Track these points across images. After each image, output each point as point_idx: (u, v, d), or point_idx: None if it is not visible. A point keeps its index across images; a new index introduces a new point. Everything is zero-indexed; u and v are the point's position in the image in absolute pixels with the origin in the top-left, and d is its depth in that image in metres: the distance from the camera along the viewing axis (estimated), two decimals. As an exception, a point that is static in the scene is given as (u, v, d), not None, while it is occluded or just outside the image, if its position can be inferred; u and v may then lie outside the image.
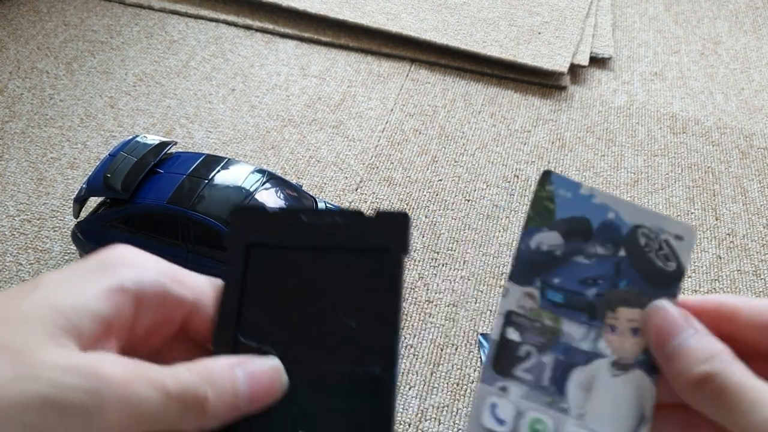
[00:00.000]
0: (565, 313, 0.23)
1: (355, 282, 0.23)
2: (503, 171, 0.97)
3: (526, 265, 0.24)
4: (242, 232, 0.24)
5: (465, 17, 1.20)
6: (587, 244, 0.24)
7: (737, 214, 0.93)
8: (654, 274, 0.24)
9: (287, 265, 0.23)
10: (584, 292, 0.24)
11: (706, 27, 1.30)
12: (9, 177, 0.90)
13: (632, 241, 0.24)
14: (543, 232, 0.24)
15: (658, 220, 0.24)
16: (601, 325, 0.23)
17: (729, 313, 0.23)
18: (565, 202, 0.24)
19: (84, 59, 1.10)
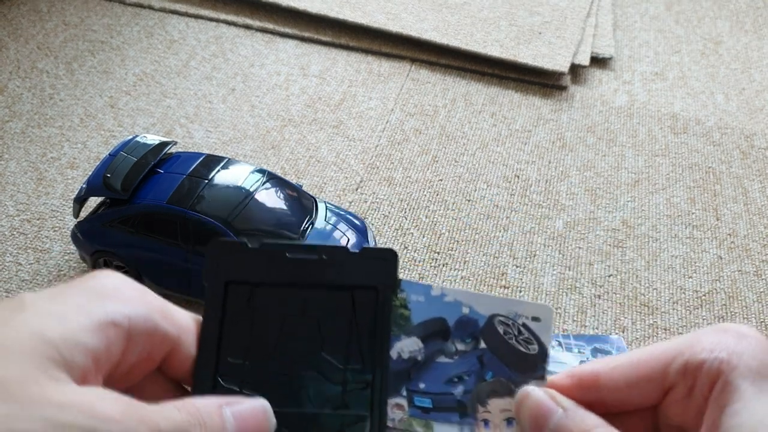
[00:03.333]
0: (435, 416, 0.23)
1: (341, 321, 0.23)
2: (504, 171, 0.97)
3: (390, 376, 0.23)
4: (220, 267, 0.23)
5: (465, 17, 1.20)
6: (447, 344, 0.24)
7: (738, 215, 0.93)
8: (518, 359, 0.23)
9: (268, 302, 0.23)
10: (452, 392, 0.23)
11: (707, 27, 1.30)
12: (9, 177, 0.90)
13: (490, 331, 0.24)
14: (402, 340, 0.23)
15: (513, 306, 0.24)
16: (473, 421, 0.23)
17: (591, 382, 0.23)
18: (419, 306, 0.24)
19: (84, 59, 1.10)
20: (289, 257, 0.23)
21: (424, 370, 0.23)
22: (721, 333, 0.22)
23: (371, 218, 0.88)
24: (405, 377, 0.23)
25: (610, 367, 0.23)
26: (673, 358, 0.22)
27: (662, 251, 0.87)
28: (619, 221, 0.91)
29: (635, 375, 0.23)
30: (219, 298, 0.23)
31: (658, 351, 0.23)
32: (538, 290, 0.81)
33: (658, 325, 0.79)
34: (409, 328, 0.24)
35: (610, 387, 0.23)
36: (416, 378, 0.23)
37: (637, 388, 0.23)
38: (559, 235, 0.88)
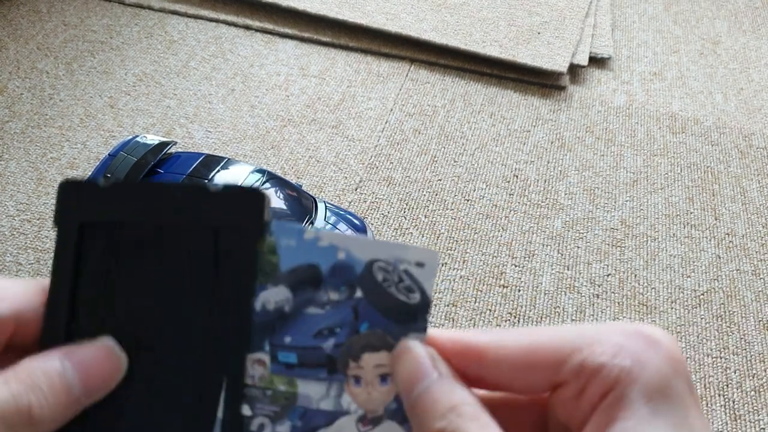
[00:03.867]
0: (300, 373, 0.21)
1: (203, 267, 0.21)
2: (503, 171, 0.97)
3: (250, 329, 0.21)
4: (73, 209, 0.21)
5: (464, 17, 1.20)
6: (319, 293, 0.21)
7: (736, 214, 0.93)
8: (397, 309, 0.21)
9: (125, 247, 0.21)
10: (320, 345, 0.21)
11: (705, 27, 1.30)
12: (9, 177, 0.90)
13: (368, 278, 0.21)
14: (267, 290, 0.21)
15: (396, 250, 0.21)
16: (343, 378, 0.21)
17: (475, 356, 0.21)
18: (289, 251, 0.21)
19: (84, 59, 1.10)
20: (146, 196, 0.21)
21: (291, 323, 0.21)
22: (630, 335, 0.20)
23: (370, 218, 0.88)
24: (269, 330, 0.21)
25: (499, 345, 0.21)
26: (570, 353, 0.20)
27: (661, 251, 0.88)
28: (617, 221, 0.91)
29: (524, 362, 0.20)
30: (72, 243, 0.21)
31: (557, 339, 0.20)
32: (537, 290, 0.82)
33: (657, 324, 0.79)
34: (277, 276, 0.21)
35: (494, 367, 0.20)
36: (281, 331, 0.21)
37: (523, 376, 0.20)
38: (558, 234, 0.89)
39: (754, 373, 0.75)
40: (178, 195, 0.21)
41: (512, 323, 0.78)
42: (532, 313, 0.79)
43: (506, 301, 0.80)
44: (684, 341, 0.78)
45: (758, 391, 0.74)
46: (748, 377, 0.75)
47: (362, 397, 0.21)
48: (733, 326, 0.80)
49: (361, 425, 0.21)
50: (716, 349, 0.77)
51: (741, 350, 0.77)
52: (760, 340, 0.78)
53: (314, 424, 0.21)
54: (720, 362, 0.76)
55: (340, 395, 0.21)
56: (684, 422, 0.19)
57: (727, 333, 0.79)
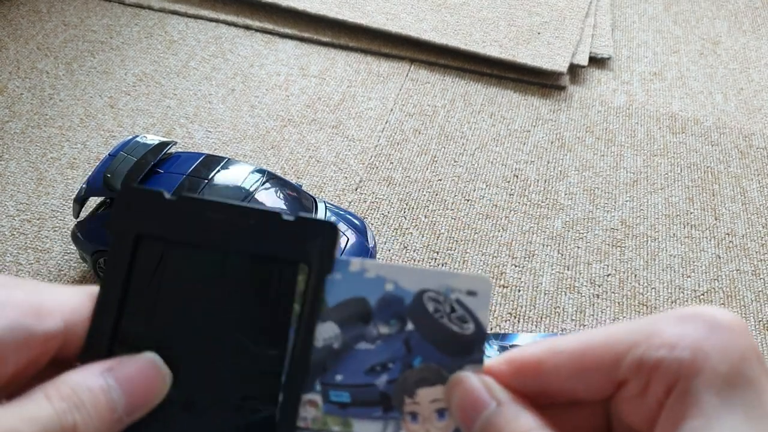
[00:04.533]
0: (354, 412, 0.20)
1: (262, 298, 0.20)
2: (503, 171, 0.97)
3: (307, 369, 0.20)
4: (131, 219, 0.20)
5: (464, 17, 1.20)
6: (368, 327, 0.20)
7: (736, 214, 0.93)
8: (451, 341, 0.20)
9: (182, 265, 0.20)
10: (374, 382, 0.20)
11: (705, 27, 1.30)
12: (9, 177, 0.90)
13: (418, 309, 0.20)
14: (315, 326, 0.20)
15: (446, 279, 0.20)
16: (399, 415, 0.20)
17: (533, 370, 0.20)
18: (336, 285, 0.20)
19: (84, 59, 1.10)
20: (212, 216, 0.20)
21: (341, 360, 0.20)
22: (688, 321, 0.18)
23: (370, 218, 0.88)
24: (319, 369, 0.20)
25: (554, 353, 0.20)
26: (628, 349, 0.19)
27: (661, 251, 0.88)
28: (617, 221, 0.91)
29: (581, 364, 0.19)
30: (126, 254, 0.19)
31: (612, 338, 0.19)
32: (537, 290, 0.82)
33: (657, 324, 0.79)
34: (324, 312, 0.20)
35: (553, 376, 0.19)
36: (332, 369, 0.20)
37: (583, 379, 0.19)
38: (558, 234, 0.89)
39: (754, 373, 0.75)
40: (248, 219, 0.20)
41: (512, 323, 0.78)
42: (532, 314, 0.79)
43: (506, 301, 0.80)
44: (684, 341, 0.78)
45: (758, 391, 0.74)
46: (748, 377, 0.75)
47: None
48: (733, 326, 0.80)
49: None
50: (716, 349, 0.77)
51: (741, 350, 0.77)
52: (760, 340, 0.78)
53: None
54: (720, 362, 0.76)
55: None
56: (761, 411, 0.17)
57: (727, 333, 0.79)
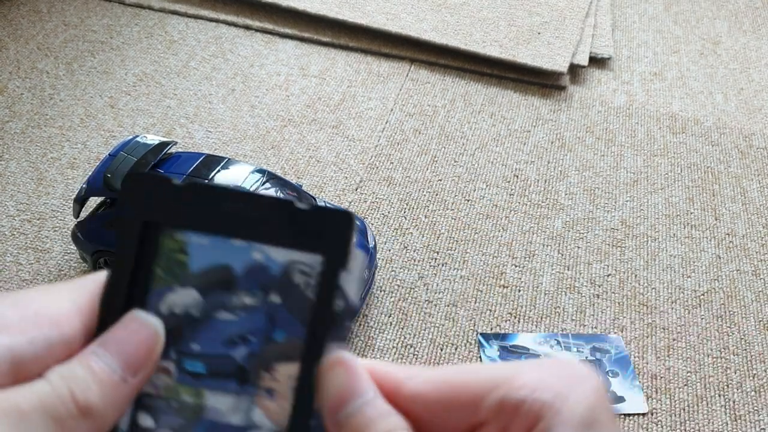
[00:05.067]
0: (208, 384, 0.19)
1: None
2: (503, 171, 0.97)
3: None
4: (138, 207, 0.19)
5: (465, 17, 1.20)
6: (231, 296, 0.19)
7: (736, 214, 0.93)
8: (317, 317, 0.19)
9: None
10: (231, 354, 0.19)
11: (705, 27, 1.30)
12: (9, 177, 0.90)
13: (286, 282, 0.19)
14: (175, 292, 0.19)
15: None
16: (254, 390, 0.19)
17: (391, 388, 0.19)
18: (200, 250, 0.19)
19: (84, 59, 1.10)
20: (224, 204, 0.19)
21: (199, 329, 0.19)
22: (548, 369, 0.19)
23: (371, 218, 0.88)
24: (176, 336, 0.19)
25: (414, 381, 0.19)
26: (489, 391, 0.19)
27: (661, 251, 0.87)
28: (617, 221, 0.91)
29: (440, 401, 0.19)
30: (133, 242, 0.19)
31: (472, 378, 0.19)
32: (537, 290, 0.82)
33: (657, 324, 0.79)
34: (186, 277, 0.19)
35: (409, 402, 0.19)
36: (189, 337, 0.19)
37: (439, 416, 0.19)
38: (558, 234, 0.89)
39: (755, 373, 0.75)
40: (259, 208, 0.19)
41: (512, 323, 0.78)
42: (532, 314, 0.79)
43: (506, 301, 0.80)
44: (684, 341, 0.78)
45: (758, 392, 0.74)
46: (748, 377, 0.75)
47: (275, 411, 0.19)
48: (734, 326, 0.79)
49: None
50: (716, 349, 0.77)
51: (741, 350, 0.77)
52: (760, 340, 0.78)
53: None
54: (720, 362, 0.76)
55: (252, 409, 0.19)
56: None
57: (727, 333, 0.79)
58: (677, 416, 0.71)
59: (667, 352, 0.76)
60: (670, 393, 0.73)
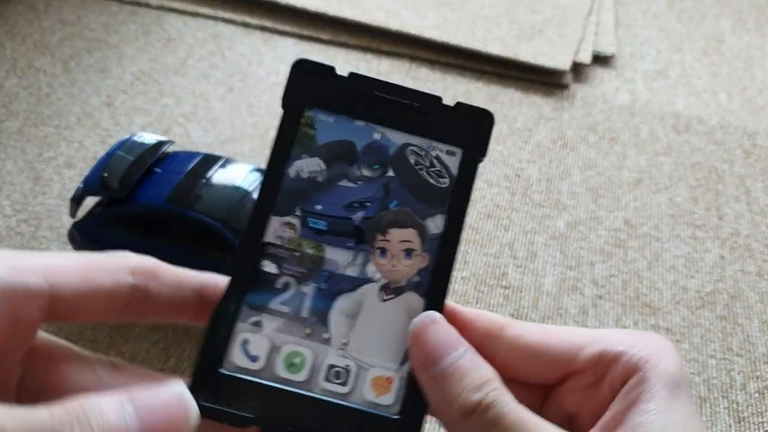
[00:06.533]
0: (328, 240, 0.22)
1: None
2: (504, 170, 0.96)
3: (284, 194, 0.22)
4: (301, 91, 0.22)
5: (466, 15, 1.19)
6: (352, 168, 0.23)
7: (740, 214, 0.92)
8: (426, 191, 0.23)
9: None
10: (350, 217, 0.22)
11: (709, 25, 1.29)
12: (5, 176, 0.89)
13: (401, 159, 0.23)
14: (303, 159, 0.22)
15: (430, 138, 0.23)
16: (369, 249, 0.22)
17: (497, 330, 0.22)
18: (326, 126, 0.23)
19: (81, 57, 1.09)
20: (378, 95, 0.23)
21: (323, 193, 0.22)
22: (640, 335, 0.22)
23: (371, 218, 0.87)
24: (301, 197, 0.22)
25: (518, 326, 0.22)
26: (586, 345, 0.21)
27: (664, 251, 0.87)
28: (621, 221, 0.90)
29: (540, 343, 0.22)
30: (295, 121, 0.22)
31: (571, 332, 0.22)
32: (540, 291, 0.81)
33: (660, 325, 0.78)
34: (313, 148, 0.22)
35: (509, 345, 0.22)
36: (313, 199, 0.22)
37: (538, 362, 0.22)
38: (561, 234, 0.88)
39: (758, 374, 0.74)
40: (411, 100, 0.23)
41: (514, 325, 0.77)
42: (535, 315, 0.78)
43: (508, 302, 0.79)
44: (688, 342, 0.77)
45: (762, 393, 0.73)
46: (752, 379, 0.74)
47: (387, 267, 0.22)
48: (737, 327, 0.79)
49: (384, 294, 0.22)
50: (720, 350, 0.76)
51: (745, 352, 0.76)
52: (764, 341, 0.77)
53: (339, 287, 0.22)
54: (724, 364, 0.75)
55: (366, 264, 0.22)
56: (694, 410, 0.20)
57: (731, 334, 0.78)
58: (681, 419, 0.70)
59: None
60: (674, 395, 0.72)
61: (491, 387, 0.20)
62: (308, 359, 0.21)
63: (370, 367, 0.21)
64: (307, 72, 0.23)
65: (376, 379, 0.21)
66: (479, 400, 0.19)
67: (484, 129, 0.23)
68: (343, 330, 0.22)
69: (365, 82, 0.23)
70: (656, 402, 0.19)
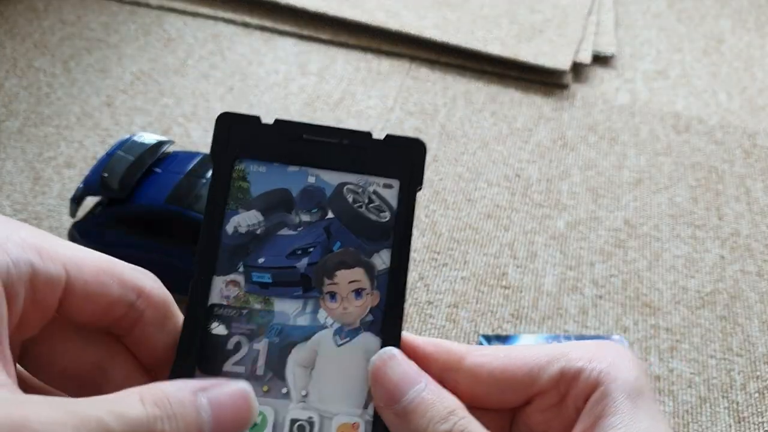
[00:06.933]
0: (275, 291, 0.22)
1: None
2: (504, 170, 0.96)
3: (224, 252, 0.22)
4: (229, 143, 0.22)
5: (466, 15, 1.19)
6: (290, 215, 0.22)
7: (740, 214, 0.92)
8: (368, 228, 0.23)
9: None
10: (295, 265, 0.22)
11: (709, 25, 1.29)
12: (5, 176, 0.89)
13: (338, 199, 0.23)
14: (239, 214, 0.22)
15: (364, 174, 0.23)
16: (318, 295, 0.22)
17: (456, 360, 0.22)
18: (260, 176, 0.23)
19: (81, 57, 1.09)
20: (306, 138, 0.22)
21: (264, 245, 0.22)
22: (596, 346, 0.22)
23: (371, 218, 0.87)
24: (242, 252, 0.22)
25: (477, 354, 0.22)
26: (546, 364, 0.21)
27: (664, 251, 0.87)
28: (621, 221, 0.90)
29: (501, 372, 0.22)
30: (226, 176, 0.22)
31: (531, 353, 0.22)
32: (539, 291, 0.81)
33: (660, 325, 0.78)
34: (248, 201, 0.22)
35: (470, 375, 0.22)
36: (255, 253, 0.22)
37: (499, 386, 0.22)
38: (561, 234, 0.88)
39: (758, 375, 0.74)
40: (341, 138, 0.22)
41: (514, 325, 0.77)
42: (535, 315, 0.78)
43: (508, 302, 0.79)
44: (688, 342, 0.77)
45: (762, 393, 0.73)
46: (752, 379, 0.74)
47: (338, 311, 0.22)
48: (737, 327, 0.79)
49: (338, 338, 0.22)
50: (720, 350, 0.76)
51: (745, 352, 0.76)
52: (764, 341, 0.77)
53: (291, 339, 0.22)
54: (724, 364, 0.75)
55: (316, 311, 0.22)
56: (658, 414, 0.20)
57: (731, 334, 0.78)
58: (680, 418, 0.70)
59: (670, 353, 0.75)
60: (674, 395, 0.72)
61: (458, 416, 0.20)
62: (269, 417, 0.21)
63: (333, 415, 0.21)
64: (233, 124, 0.22)
65: (341, 427, 0.21)
66: (447, 431, 0.19)
67: (418, 158, 0.23)
68: (301, 382, 0.21)
69: (292, 126, 0.23)
70: (620, 415, 0.19)
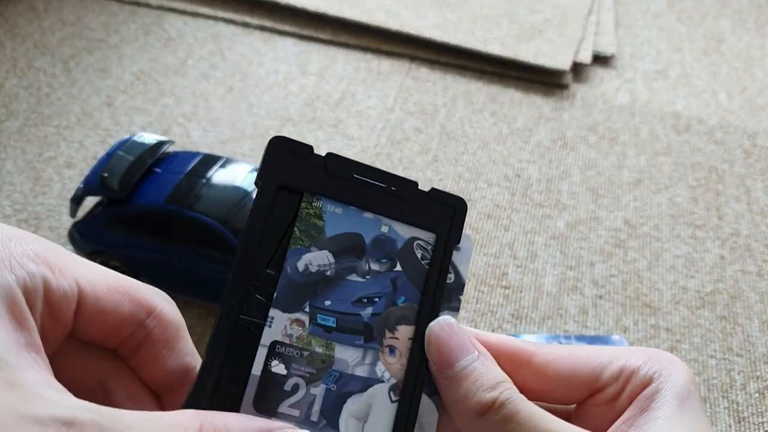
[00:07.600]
0: (337, 337, 0.21)
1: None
2: (505, 170, 0.96)
3: (292, 289, 0.21)
4: (277, 168, 0.21)
5: (466, 15, 1.19)
6: (360, 262, 0.22)
7: (740, 214, 0.92)
8: None
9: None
10: (359, 313, 0.22)
11: (709, 25, 1.29)
12: (5, 176, 0.89)
13: (408, 253, 0.22)
14: (311, 252, 0.22)
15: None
16: (378, 347, 0.22)
17: (525, 358, 0.22)
18: (335, 218, 0.22)
19: (81, 57, 1.09)
20: (356, 177, 0.22)
21: (331, 287, 0.22)
22: (654, 351, 0.23)
23: (371, 218, 0.87)
24: (310, 292, 0.21)
25: (544, 351, 0.23)
26: (608, 363, 0.22)
27: (664, 251, 0.87)
28: (621, 221, 0.90)
29: (570, 370, 0.22)
30: (268, 202, 0.21)
31: (595, 352, 0.23)
32: (540, 291, 0.81)
33: (660, 325, 0.78)
34: (321, 241, 0.22)
35: (540, 370, 0.22)
36: (322, 294, 0.22)
37: (566, 383, 0.22)
38: (561, 234, 0.88)
39: (758, 375, 0.74)
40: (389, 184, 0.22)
41: (514, 325, 0.77)
42: (535, 315, 0.78)
43: (508, 302, 0.79)
44: (688, 342, 0.77)
45: (762, 393, 0.73)
46: (752, 379, 0.74)
47: (396, 367, 0.22)
48: (737, 327, 0.79)
49: (393, 394, 0.21)
50: (720, 350, 0.76)
51: (745, 352, 0.76)
52: (764, 341, 0.77)
53: (348, 389, 0.21)
54: (724, 364, 0.75)
55: (375, 363, 0.21)
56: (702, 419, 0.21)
57: (731, 334, 0.78)
58: (681, 419, 0.70)
59: (670, 353, 0.75)
60: (674, 395, 0.72)
61: (505, 387, 0.20)
62: None
63: None
64: (285, 149, 0.22)
65: None
66: (494, 398, 0.20)
67: (459, 216, 0.23)
68: None
69: (343, 163, 0.22)
70: (665, 410, 0.20)
